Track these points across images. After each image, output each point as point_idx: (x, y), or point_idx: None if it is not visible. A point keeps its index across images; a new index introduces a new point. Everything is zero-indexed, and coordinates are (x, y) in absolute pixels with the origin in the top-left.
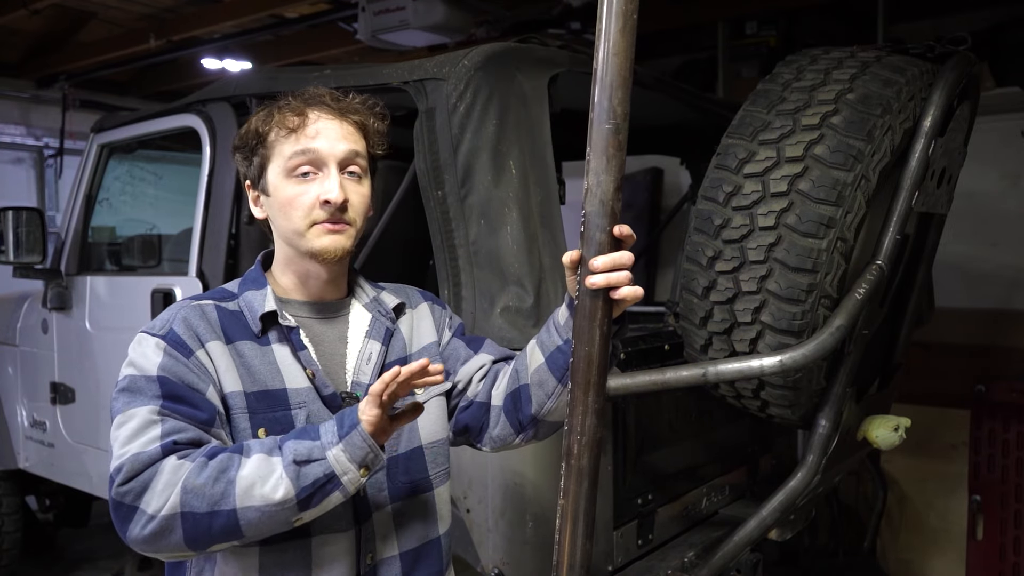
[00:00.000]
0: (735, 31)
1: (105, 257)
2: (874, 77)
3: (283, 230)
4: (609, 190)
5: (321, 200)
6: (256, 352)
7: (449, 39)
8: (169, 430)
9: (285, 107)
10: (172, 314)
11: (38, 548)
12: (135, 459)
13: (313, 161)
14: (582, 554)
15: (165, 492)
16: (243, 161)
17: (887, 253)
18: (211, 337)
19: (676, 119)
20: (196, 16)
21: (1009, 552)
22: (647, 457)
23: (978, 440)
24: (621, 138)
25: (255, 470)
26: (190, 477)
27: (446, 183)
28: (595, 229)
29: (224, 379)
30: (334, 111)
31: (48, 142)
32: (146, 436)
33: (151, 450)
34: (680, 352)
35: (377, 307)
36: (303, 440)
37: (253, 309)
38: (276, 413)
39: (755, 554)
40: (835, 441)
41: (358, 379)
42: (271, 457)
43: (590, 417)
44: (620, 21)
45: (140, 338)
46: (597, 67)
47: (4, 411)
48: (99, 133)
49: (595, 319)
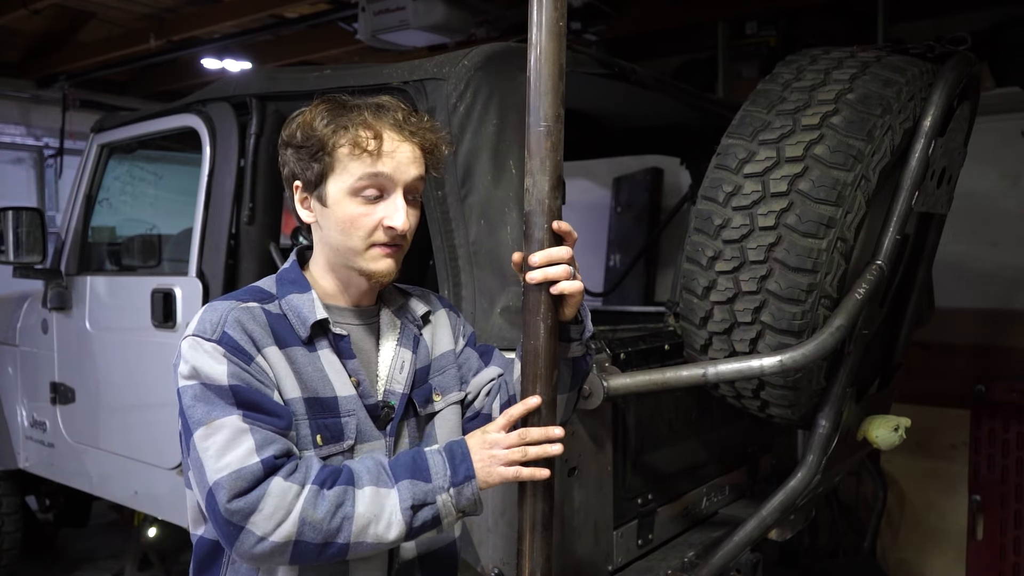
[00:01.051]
0: (735, 31)
1: (105, 257)
2: (874, 77)
3: (337, 244)
4: (545, 189)
5: (385, 225)
6: (306, 358)
7: (449, 39)
8: (262, 442)
9: (359, 123)
10: (221, 316)
11: (38, 548)
12: (238, 476)
13: (381, 185)
14: (542, 562)
15: (275, 517)
16: (298, 162)
17: (887, 253)
18: (267, 342)
19: (676, 119)
20: (196, 16)
21: (1009, 552)
22: (647, 457)
23: (978, 440)
24: (554, 140)
25: (370, 507)
26: (307, 508)
27: (446, 183)
28: (535, 228)
29: (283, 385)
30: (406, 133)
31: (48, 142)
32: (241, 449)
33: (252, 466)
34: (680, 352)
35: (406, 314)
36: (417, 482)
37: (302, 315)
38: (327, 420)
39: (755, 554)
40: (835, 441)
41: (391, 387)
42: (380, 489)
43: (541, 409)
44: (548, 29)
45: (194, 343)
46: (529, 74)
47: (4, 411)
48: (99, 133)
49: (538, 313)
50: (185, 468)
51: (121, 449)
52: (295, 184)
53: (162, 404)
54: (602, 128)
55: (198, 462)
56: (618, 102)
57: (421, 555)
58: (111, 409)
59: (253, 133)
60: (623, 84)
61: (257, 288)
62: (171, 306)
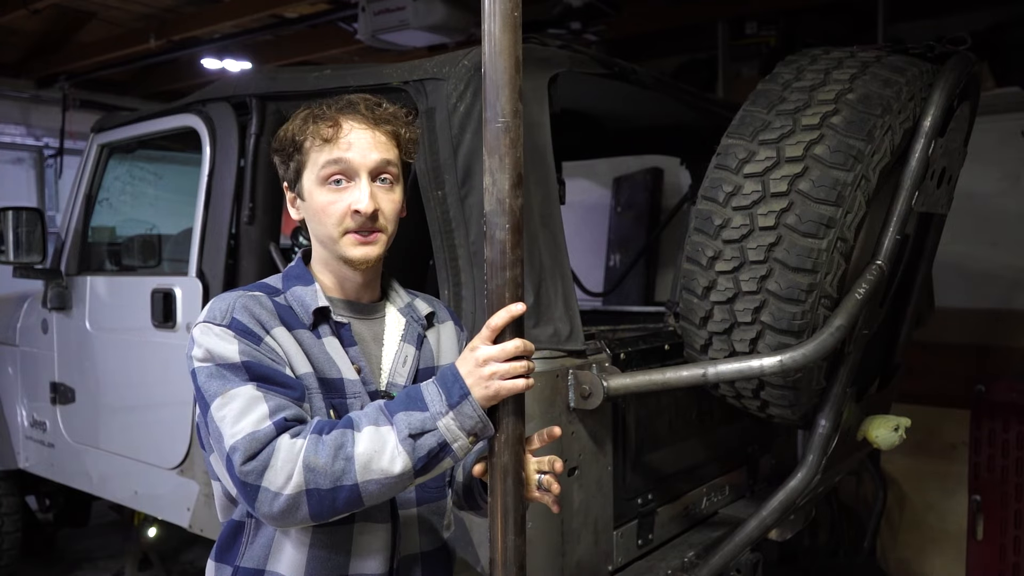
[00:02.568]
0: (735, 31)
1: (105, 257)
2: (874, 77)
3: (318, 234)
4: (505, 188)
5: (352, 209)
6: (313, 341)
7: (449, 39)
8: (275, 407)
9: (320, 116)
10: (229, 304)
11: (38, 548)
12: (252, 438)
13: (345, 171)
14: (514, 551)
15: (285, 470)
16: (281, 164)
17: (887, 253)
18: (274, 323)
19: (676, 119)
20: (196, 16)
21: (1009, 552)
22: (647, 457)
23: (978, 440)
24: (512, 136)
25: (370, 445)
26: (308, 455)
27: (446, 183)
28: (495, 228)
29: (294, 362)
30: (367, 120)
31: (48, 142)
32: (256, 414)
33: (265, 428)
34: (680, 352)
35: (411, 313)
36: (412, 412)
37: (304, 303)
38: (335, 400)
39: (755, 554)
40: (835, 441)
41: (394, 380)
42: (380, 427)
43: (510, 416)
44: (501, 20)
45: (205, 328)
46: (484, 67)
47: (4, 411)
48: (99, 133)
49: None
50: (208, 451)
51: (121, 449)
52: (284, 186)
53: (162, 404)
54: (602, 128)
55: (217, 432)
56: (618, 102)
57: (423, 554)
58: (111, 409)
59: (253, 133)
60: (623, 84)
61: (263, 283)
62: (171, 306)
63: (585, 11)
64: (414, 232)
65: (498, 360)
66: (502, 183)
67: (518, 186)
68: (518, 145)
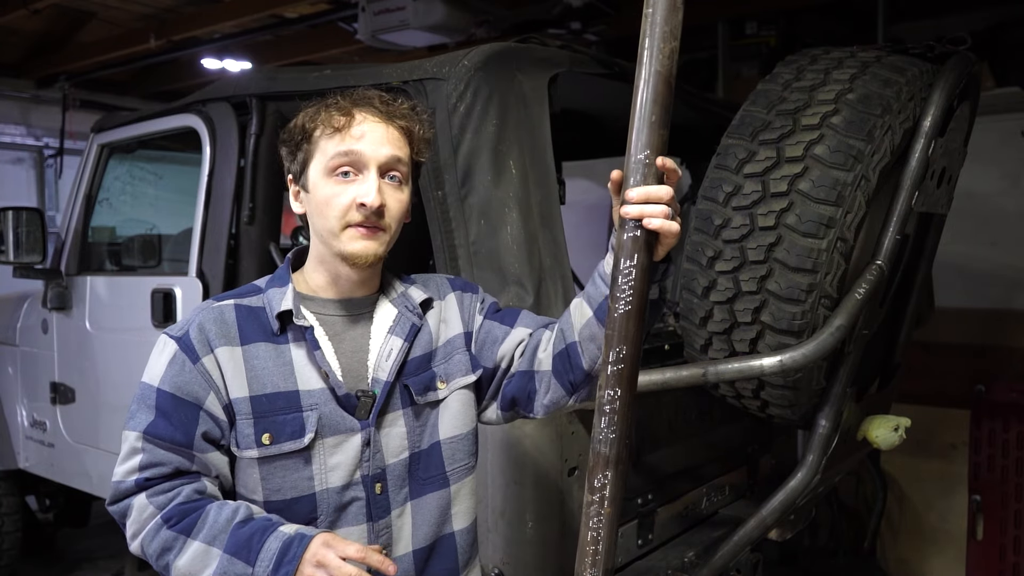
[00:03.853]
0: (735, 31)
1: (105, 257)
2: (874, 77)
3: (318, 228)
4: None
5: (357, 202)
6: (271, 353)
7: (449, 39)
8: (147, 462)
9: (332, 106)
10: (192, 317)
11: (38, 548)
12: (117, 487)
13: (354, 163)
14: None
15: (132, 528)
16: (288, 156)
17: (887, 253)
18: (221, 342)
19: (676, 119)
20: (196, 16)
21: (1009, 552)
22: (647, 457)
23: (978, 440)
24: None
25: (189, 564)
26: (146, 538)
27: (446, 183)
28: (637, 151)
29: (231, 385)
30: (381, 114)
31: (48, 142)
32: (128, 464)
33: (128, 483)
34: (680, 352)
35: (404, 303)
36: (238, 561)
37: (272, 307)
38: (286, 416)
39: (755, 554)
40: (835, 441)
41: (376, 375)
42: (211, 550)
43: (629, 346)
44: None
45: (161, 340)
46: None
47: (4, 411)
48: (99, 133)
49: (632, 256)
50: None
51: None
52: (288, 179)
53: None
54: (602, 128)
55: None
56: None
57: (415, 551)
58: (111, 409)
59: (253, 133)
60: (623, 84)
61: (253, 284)
62: (171, 306)
63: (585, 11)
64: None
65: (330, 573)
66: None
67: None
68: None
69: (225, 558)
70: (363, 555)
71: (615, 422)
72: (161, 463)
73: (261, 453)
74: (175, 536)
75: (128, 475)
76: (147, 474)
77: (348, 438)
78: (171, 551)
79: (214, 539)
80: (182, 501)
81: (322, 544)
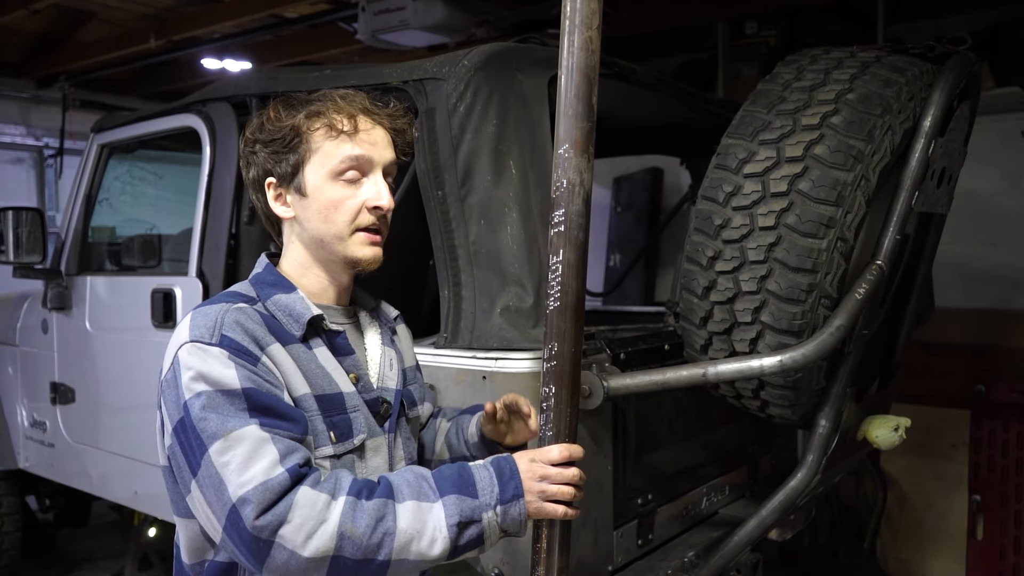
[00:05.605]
0: (735, 31)
1: (105, 257)
2: (874, 77)
3: (318, 232)
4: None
5: (370, 205)
6: (306, 355)
7: (449, 39)
8: (285, 451)
9: (331, 107)
10: (215, 319)
11: (38, 548)
12: (264, 489)
13: (362, 167)
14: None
15: (304, 528)
16: (270, 156)
17: (887, 253)
18: (269, 340)
19: (676, 119)
20: (196, 16)
21: (1009, 552)
22: (647, 457)
23: (978, 440)
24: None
25: (412, 523)
26: (345, 521)
27: (446, 183)
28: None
29: (291, 383)
30: (375, 117)
31: (48, 142)
32: (265, 460)
33: (278, 477)
34: (680, 352)
35: (381, 316)
36: (464, 497)
37: (295, 312)
38: (336, 417)
39: (755, 554)
40: (835, 441)
41: (385, 384)
42: (423, 504)
43: (562, 342)
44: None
45: (193, 349)
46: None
47: (4, 411)
48: (99, 133)
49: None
50: (184, 491)
51: (121, 449)
52: (268, 182)
53: None
54: (602, 128)
55: (216, 479)
56: (618, 102)
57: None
58: (111, 409)
59: None
60: (623, 84)
61: (235, 293)
62: (171, 306)
63: None
64: (414, 231)
65: (554, 481)
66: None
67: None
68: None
69: (449, 499)
70: (568, 453)
71: (551, 420)
72: (296, 450)
73: (335, 451)
74: (383, 502)
75: (272, 469)
76: (295, 460)
77: (382, 442)
78: (385, 517)
79: (419, 493)
80: (354, 479)
81: (528, 460)
